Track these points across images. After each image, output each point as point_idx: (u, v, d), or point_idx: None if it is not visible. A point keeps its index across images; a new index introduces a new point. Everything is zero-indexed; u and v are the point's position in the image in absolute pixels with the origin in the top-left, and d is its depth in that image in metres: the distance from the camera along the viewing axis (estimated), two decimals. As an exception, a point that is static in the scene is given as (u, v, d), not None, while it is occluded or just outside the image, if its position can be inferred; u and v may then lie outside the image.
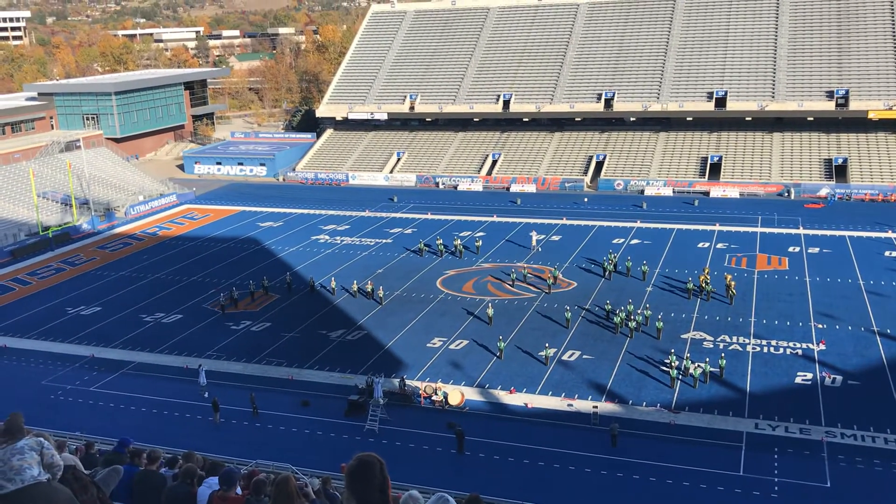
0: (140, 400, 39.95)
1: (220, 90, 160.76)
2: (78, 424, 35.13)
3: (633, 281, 54.53)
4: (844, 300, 49.52)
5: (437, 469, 32.19)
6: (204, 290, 56.28)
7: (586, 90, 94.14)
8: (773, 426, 34.51)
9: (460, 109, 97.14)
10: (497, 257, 61.40)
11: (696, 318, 47.48)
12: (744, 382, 38.82)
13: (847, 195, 77.02)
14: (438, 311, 50.35)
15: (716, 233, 65.99)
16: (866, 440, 33.07)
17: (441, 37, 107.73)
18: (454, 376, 40.86)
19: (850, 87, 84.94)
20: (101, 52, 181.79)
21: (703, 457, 32.32)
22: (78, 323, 51.17)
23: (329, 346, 45.75)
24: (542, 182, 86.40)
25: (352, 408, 37.37)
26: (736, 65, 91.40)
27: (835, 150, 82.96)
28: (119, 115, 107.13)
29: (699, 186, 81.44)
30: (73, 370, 43.90)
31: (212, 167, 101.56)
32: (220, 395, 38.70)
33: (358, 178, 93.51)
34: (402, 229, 70.93)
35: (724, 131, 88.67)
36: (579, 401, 37.51)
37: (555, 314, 48.73)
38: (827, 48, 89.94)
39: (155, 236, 72.44)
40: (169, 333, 48.62)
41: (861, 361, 40.82)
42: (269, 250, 66.09)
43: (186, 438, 33.99)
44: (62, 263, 64.75)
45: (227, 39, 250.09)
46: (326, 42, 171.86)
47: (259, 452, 32.41)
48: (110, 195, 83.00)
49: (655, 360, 41.52)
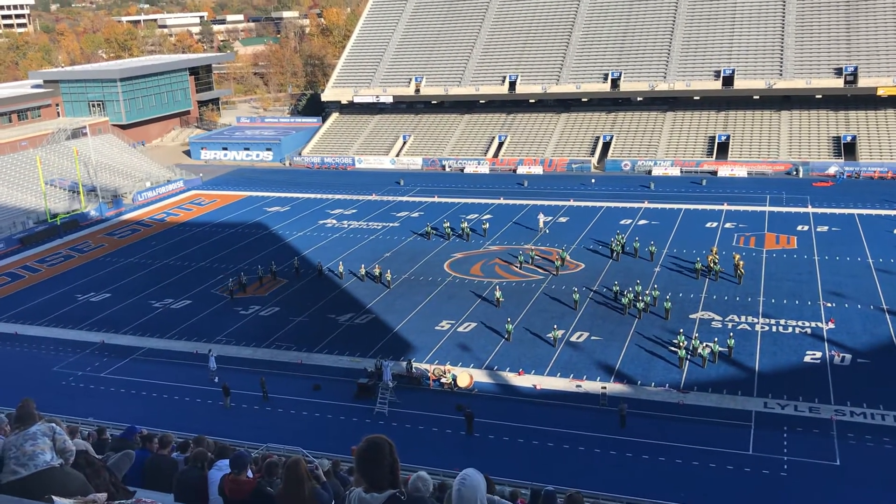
0: (151, 385, 40.22)
1: (225, 75, 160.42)
2: (89, 410, 35.37)
3: (641, 262, 54.44)
4: (853, 278, 49.37)
5: (447, 451, 32.33)
6: (212, 276, 56.48)
7: (592, 70, 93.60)
8: (782, 405, 34.52)
9: (466, 91, 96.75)
10: (504, 240, 61.35)
11: (705, 298, 47.43)
12: (752, 362, 38.81)
13: (856, 173, 76.56)
14: (446, 294, 50.41)
15: (724, 212, 65.75)
16: (876, 418, 33.06)
17: (445, 18, 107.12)
18: (463, 359, 40.98)
19: (858, 64, 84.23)
20: (106, 38, 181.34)
21: (712, 436, 32.37)
22: (88, 309, 51.44)
23: (338, 329, 45.89)
24: (548, 163, 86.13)
25: (361, 391, 37.56)
26: (743, 43, 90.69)
27: (843, 128, 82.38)
28: (125, 102, 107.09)
29: (707, 166, 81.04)
30: (83, 356, 44.19)
31: (218, 153, 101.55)
32: (231, 380, 38.93)
33: (364, 161, 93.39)
34: (409, 213, 70.90)
35: (731, 110, 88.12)
36: (588, 382, 37.59)
37: (563, 296, 48.75)
38: (835, 24, 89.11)
39: (163, 222, 72.61)
40: (178, 319, 48.85)
41: (870, 340, 40.74)
42: (276, 235, 66.19)
43: (197, 423, 34.20)
44: (71, 251, 65.00)
45: (231, 24, 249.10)
46: (331, 25, 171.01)
47: (270, 436, 32.62)
48: (117, 182, 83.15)
49: (664, 341, 41.53)
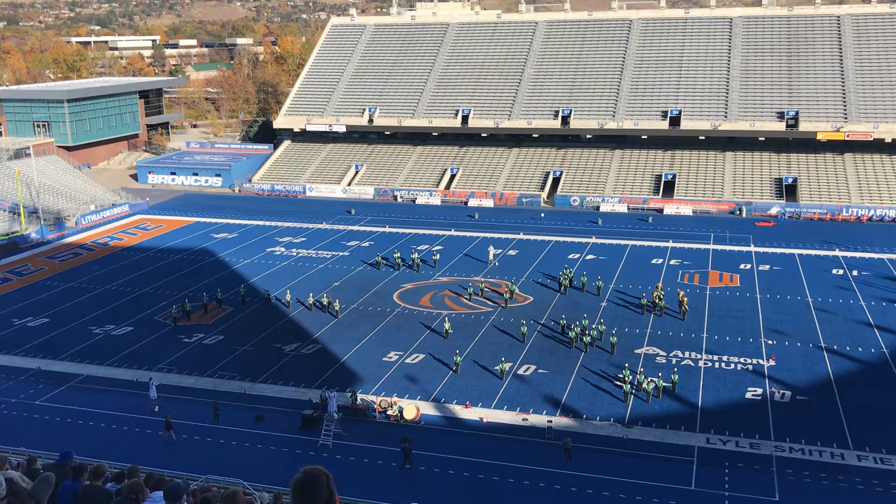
0: (88, 414, 39.01)
1: (176, 100, 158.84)
2: (22, 439, 34.15)
3: (589, 296, 55.00)
4: (793, 317, 50.54)
5: (391, 484, 31.95)
6: (156, 302, 55.32)
7: (544, 107, 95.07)
8: (723, 441, 34.98)
9: (419, 123, 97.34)
10: (454, 271, 61.46)
11: (650, 334, 48.03)
12: (695, 397, 39.33)
13: (797, 214, 78.79)
14: (395, 325, 50.17)
15: (669, 249, 66.94)
16: (814, 454, 33.70)
17: (401, 51, 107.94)
18: (410, 390, 40.70)
19: (799, 108, 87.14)
20: (54, 58, 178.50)
21: (655, 471, 32.61)
22: (24, 334, 49.86)
23: (283, 359, 45.23)
24: (499, 197, 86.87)
25: (306, 422, 36.99)
26: (690, 85, 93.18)
27: (785, 170, 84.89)
28: (71, 123, 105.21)
29: (653, 203, 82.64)
30: (18, 383, 42.72)
31: (166, 177, 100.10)
32: (172, 410, 38.01)
33: (315, 190, 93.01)
34: (359, 242, 70.65)
35: (677, 150, 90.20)
36: (534, 415, 37.62)
37: (511, 328, 48.91)
38: (777, 70, 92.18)
39: (106, 247, 71.07)
40: (119, 346, 47.63)
41: (809, 377, 41.65)
42: (223, 262, 65.26)
43: (136, 453, 33.27)
44: (9, 273, 63.15)
45: (183, 49, 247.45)
46: (285, 53, 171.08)
47: (210, 467, 31.85)
48: (61, 204, 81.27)
49: (609, 375, 41.86)
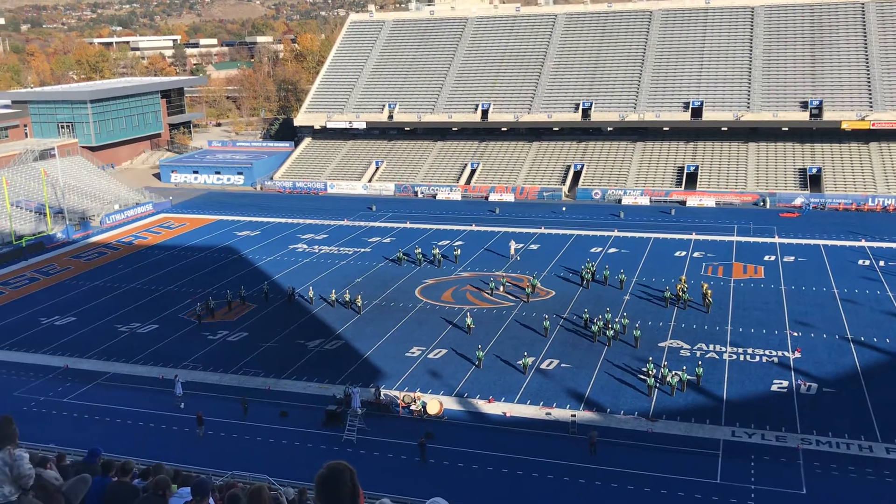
0: (115, 411, 39.47)
1: (197, 99, 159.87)
2: (51, 436, 34.60)
3: (611, 290, 54.76)
4: (819, 308, 50.02)
5: (415, 479, 32.05)
6: (180, 300, 55.81)
7: (564, 100, 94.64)
8: (749, 434, 34.71)
9: (439, 118, 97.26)
10: (475, 266, 61.43)
11: (674, 327, 47.75)
12: (720, 390, 39.05)
13: (821, 204, 77.90)
14: (417, 320, 50.26)
15: (692, 241, 66.46)
16: (841, 447, 33.36)
17: (419, 46, 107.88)
18: (433, 385, 40.77)
19: (823, 98, 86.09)
20: (77, 59, 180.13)
21: (680, 465, 32.44)
22: (51, 333, 50.50)
23: (307, 355, 45.48)
24: (520, 191, 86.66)
25: (329, 418, 37.17)
26: (712, 75, 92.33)
27: (809, 160, 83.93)
28: (94, 124, 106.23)
29: (676, 196, 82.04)
30: (46, 381, 43.30)
31: (188, 176, 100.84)
32: (197, 407, 38.34)
33: (336, 186, 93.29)
34: (380, 238, 70.81)
35: (700, 141, 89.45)
36: (557, 409, 37.55)
37: (533, 323, 48.81)
38: (801, 59, 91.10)
39: (131, 245, 71.76)
40: (144, 344, 48.12)
41: (836, 369, 41.21)
42: (246, 259, 65.68)
43: (161, 450, 33.62)
44: (36, 273, 63.95)
45: (204, 48, 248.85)
46: (304, 51, 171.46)
47: (235, 464, 32.12)
48: (85, 204, 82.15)
49: (633, 369, 41.68)
